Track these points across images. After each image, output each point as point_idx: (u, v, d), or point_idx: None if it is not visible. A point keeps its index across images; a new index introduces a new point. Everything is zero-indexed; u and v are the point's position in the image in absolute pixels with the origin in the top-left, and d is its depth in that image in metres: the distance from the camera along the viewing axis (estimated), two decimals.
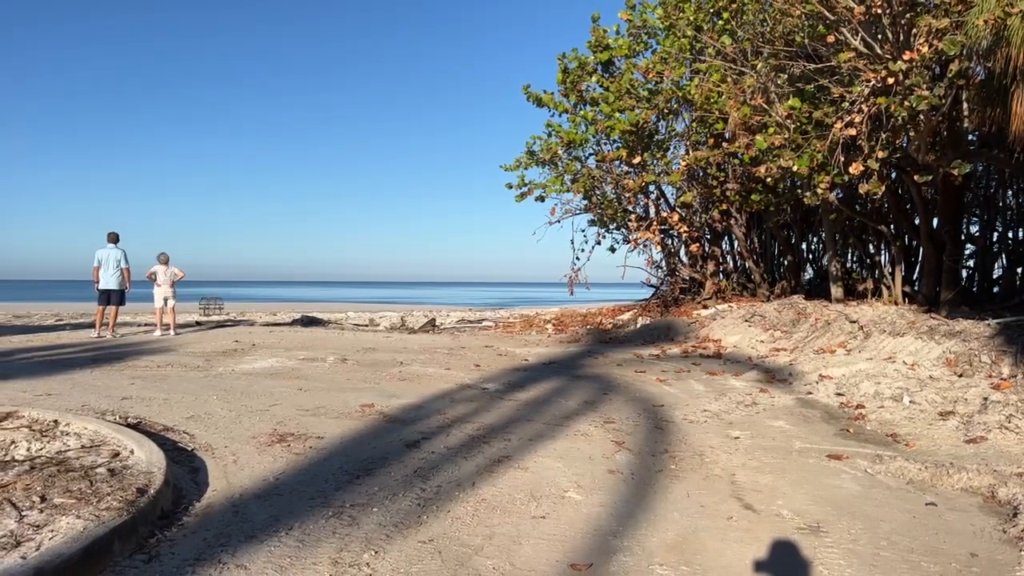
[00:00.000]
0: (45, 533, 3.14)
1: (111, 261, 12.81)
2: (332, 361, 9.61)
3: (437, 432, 5.65)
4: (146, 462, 4.18)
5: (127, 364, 9.02)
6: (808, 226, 15.63)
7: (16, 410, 5.49)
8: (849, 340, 9.20)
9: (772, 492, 4.36)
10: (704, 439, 5.61)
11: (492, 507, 4.00)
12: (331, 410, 6.35)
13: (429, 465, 4.75)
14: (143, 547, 3.29)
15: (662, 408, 6.75)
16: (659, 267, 17.10)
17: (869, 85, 8.84)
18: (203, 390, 7.17)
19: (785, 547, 3.54)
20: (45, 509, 3.41)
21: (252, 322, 19.07)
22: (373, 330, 17.24)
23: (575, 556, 3.37)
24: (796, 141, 10.05)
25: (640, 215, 15.17)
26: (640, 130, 13.59)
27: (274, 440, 5.22)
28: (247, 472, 4.47)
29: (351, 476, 4.48)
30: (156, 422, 5.68)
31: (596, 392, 7.54)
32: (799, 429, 6.00)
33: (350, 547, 3.39)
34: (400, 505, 3.98)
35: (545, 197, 15.20)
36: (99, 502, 3.49)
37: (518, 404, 6.86)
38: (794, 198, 13.28)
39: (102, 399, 6.56)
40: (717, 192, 13.99)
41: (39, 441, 4.67)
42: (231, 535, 3.48)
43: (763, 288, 15.09)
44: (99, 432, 4.89)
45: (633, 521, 3.84)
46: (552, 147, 14.66)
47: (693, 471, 4.77)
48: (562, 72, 14.62)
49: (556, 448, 5.26)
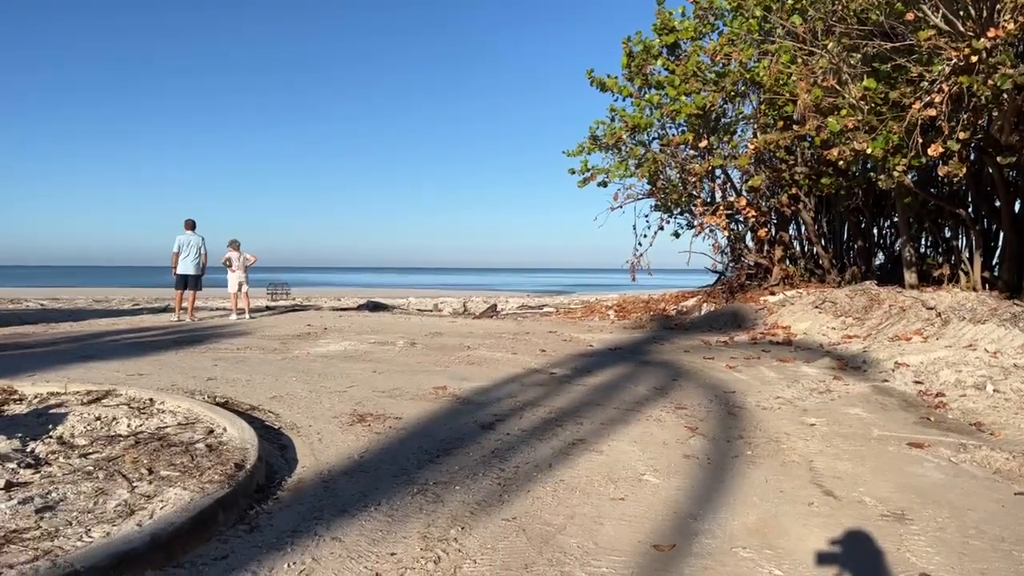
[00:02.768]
0: (155, 503, 3.35)
1: (191, 247, 13.30)
2: (402, 345, 9.82)
3: (510, 415, 5.75)
4: (239, 439, 4.39)
5: (208, 347, 9.40)
6: (880, 210, 15.19)
7: (114, 388, 5.81)
8: (926, 327, 8.95)
9: (852, 479, 4.32)
10: (779, 425, 5.57)
11: (571, 488, 4.07)
12: (406, 392, 6.51)
13: (505, 446, 4.85)
14: (244, 518, 3.47)
15: (734, 395, 6.71)
16: (724, 253, 16.87)
17: (950, 64, 8.54)
18: (282, 372, 7.43)
19: (869, 534, 3.51)
20: (153, 481, 3.63)
21: (319, 307, 19.56)
22: (437, 315, 17.49)
23: (656, 537, 3.42)
24: (870, 123, 9.78)
25: (706, 200, 14.98)
26: (707, 113, 13.39)
27: (355, 420, 5.40)
28: (332, 450, 4.64)
29: (431, 455, 4.61)
30: (242, 402, 5.94)
31: (665, 378, 7.54)
32: (877, 417, 5.90)
33: (437, 523, 3.51)
34: (481, 484, 4.09)
35: (608, 182, 15.14)
36: (201, 475, 3.69)
37: (587, 389, 6.92)
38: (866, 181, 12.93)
39: (189, 379, 6.88)
40: (786, 176, 13.72)
41: (138, 418, 4.94)
42: (324, 509, 3.64)
43: (832, 274, 14.75)
44: (192, 410, 5.14)
45: (712, 505, 3.86)
46: (616, 132, 14.57)
47: (770, 457, 4.75)
48: (626, 56, 14.49)
49: (629, 433, 5.30)
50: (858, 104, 9.84)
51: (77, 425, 4.69)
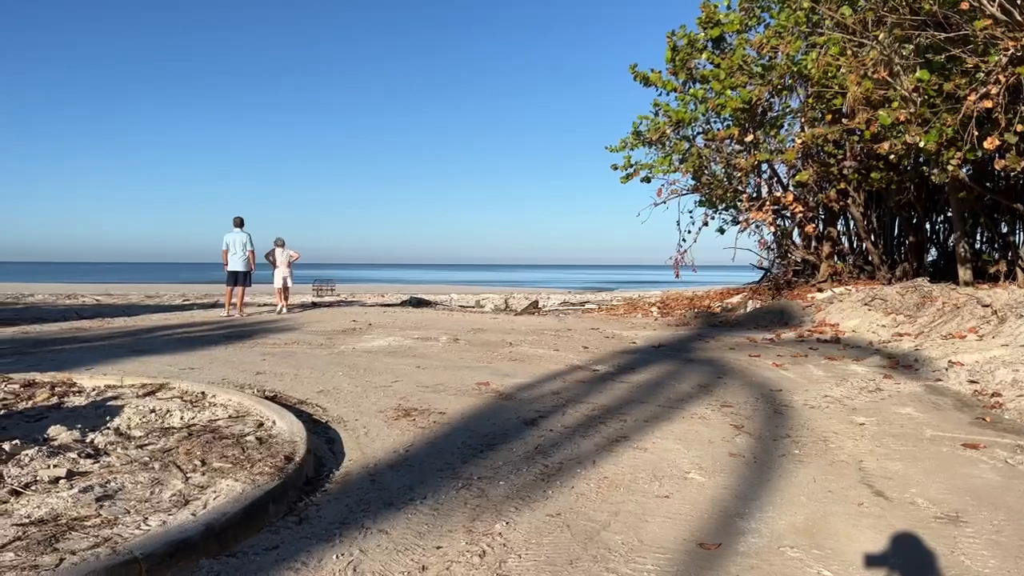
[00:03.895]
0: (208, 494, 3.43)
1: (238, 244, 13.59)
2: (445, 341, 9.89)
3: (553, 411, 5.76)
4: (288, 432, 4.48)
5: (256, 341, 9.59)
6: (933, 205, 14.81)
7: (167, 382, 5.97)
8: (981, 325, 8.70)
9: (904, 480, 4.23)
10: (827, 424, 5.48)
11: (615, 485, 4.06)
12: (449, 387, 6.57)
13: (548, 442, 4.86)
14: (293, 510, 3.54)
15: (780, 393, 6.62)
16: (770, 249, 16.61)
17: (1007, 54, 8.28)
18: (328, 366, 7.55)
19: (922, 536, 3.44)
20: (206, 472, 3.72)
21: (363, 303, 19.80)
22: (479, 311, 17.57)
23: (702, 535, 3.39)
24: (923, 115, 9.54)
25: (752, 195, 14.78)
26: (753, 107, 13.20)
27: (400, 414, 5.47)
28: (379, 444, 4.71)
29: (475, 450, 4.64)
30: (290, 396, 6.05)
31: (710, 376, 7.46)
32: (929, 416, 5.76)
33: (482, 517, 3.53)
34: (525, 479, 4.11)
35: (652, 178, 15.03)
36: (252, 467, 3.78)
37: (630, 386, 6.88)
38: (918, 176, 12.63)
39: (238, 373, 7.03)
40: (834, 170, 13.45)
41: (190, 411, 5.07)
42: (370, 502, 3.69)
43: (882, 271, 14.42)
44: (242, 404, 5.26)
45: (759, 503, 3.82)
46: (660, 126, 14.45)
47: (818, 456, 4.67)
48: (671, 50, 14.36)
49: (673, 430, 5.27)
50: (910, 96, 9.60)
51: (133, 417, 4.84)
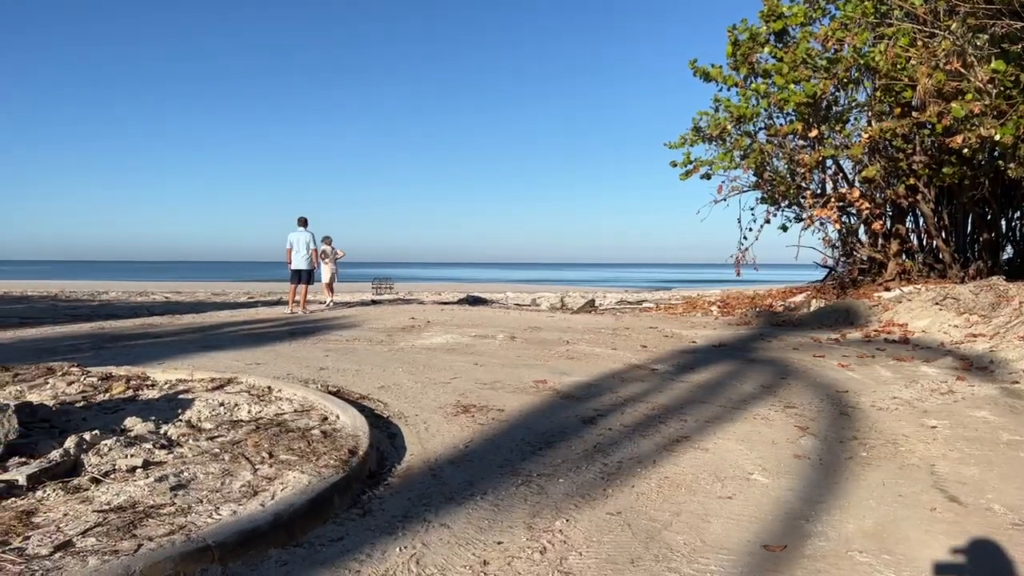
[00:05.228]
0: (276, 485, 3.53)
1: (301, 243, 13.91)
2: (502, 339, 9.94)
3: (611, 410, 5.73)
4: (351, 426, 4.56)
5: (319, 338, 9.80)
6: (1008, 201, 14.21)
7: (235, 376, 6.15)
8: None
9: (979, 485, 4.08)
10: (896, 427, 5.31)
11: (676, 485, 4.02)
12: (507, 385, 6.59)
13: (607, 441, 4.84)
14: (357, 503, 3.61)
15: (846, 394, 6.45)
16: (835, 247, 16.16)
17: None
18: (388, 363, 7.67)
19: (999, 543, 3.31)
20: (273, 464, 3.82)
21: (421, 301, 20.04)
22: (535, 310, 17.59)
23: (767, 537, 3.33)
24: (999, 107, 9.17)
25: (816, 192, 14.42)
26: (817, 102, 12.87)
27: (459, 411, 5.52)
28: (439, 439, 4.76)
29: (534, 448, 4.65)
30: (352, 391, 6.17)
31: (773, 376, 7.31)
32: (1006, 420, 5.54)
33: (542, 514, 3.54)
34: (584, 477, 4.10)
35: (712, 174, 14.80)
36: (317, 460, 3.87)
37: (690, 386, 6.80)
38: (994, 170, 12.12)
39: (302, 368, 7.20)
40: (903, 165, 13.02)
41: (257, 404, 5.21)
42: (432, 496, 3.74)
43: (954, 269, 13.90)
44: (307, 398, 5.39)
45: (825, 506, 3.73)
46: (720, 122, 14.21)
47: (887, 459, 4.54)
48: (731, 44, 14.10)
49: (735, 431, 5.18)
50: (985, 88, 9.23)
51: (203, 410, 5.00)
